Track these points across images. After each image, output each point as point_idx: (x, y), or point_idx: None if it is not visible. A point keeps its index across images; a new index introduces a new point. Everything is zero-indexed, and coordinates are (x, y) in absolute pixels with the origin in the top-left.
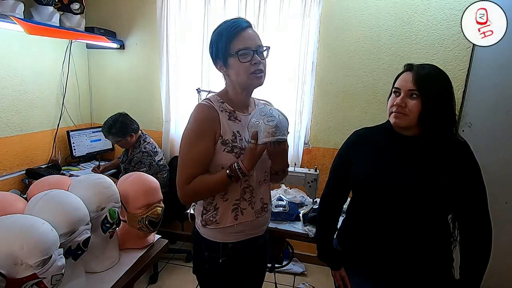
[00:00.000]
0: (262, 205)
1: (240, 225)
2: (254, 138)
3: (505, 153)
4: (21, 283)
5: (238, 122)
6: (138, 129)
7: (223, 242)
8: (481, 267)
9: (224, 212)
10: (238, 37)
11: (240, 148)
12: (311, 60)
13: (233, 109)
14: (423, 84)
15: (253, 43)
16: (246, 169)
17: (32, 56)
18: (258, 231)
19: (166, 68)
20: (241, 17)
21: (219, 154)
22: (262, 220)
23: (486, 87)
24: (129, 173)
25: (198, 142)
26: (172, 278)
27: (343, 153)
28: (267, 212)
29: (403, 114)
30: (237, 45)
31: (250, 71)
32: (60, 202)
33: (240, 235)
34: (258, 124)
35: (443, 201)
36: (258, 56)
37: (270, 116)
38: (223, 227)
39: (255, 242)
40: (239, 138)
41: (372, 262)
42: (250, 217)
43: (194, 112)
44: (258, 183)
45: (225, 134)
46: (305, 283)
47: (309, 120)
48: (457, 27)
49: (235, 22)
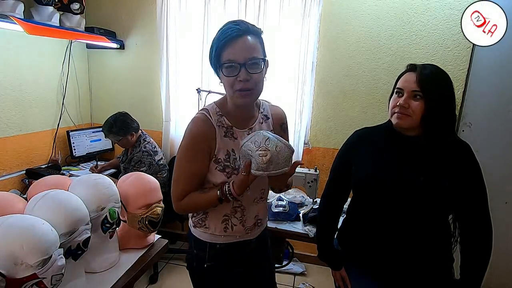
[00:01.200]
0: (255, 221)
1: (228, 236)
2: (247, 169)
3: (505, 153)
4: (21, 283)
5: (234, 139)
6: (138, 128)
7: (210, 243)
8: (482, 267)
9: (213, 219)
10: (227, 47)
11: (233, 168)
12: (311, 60)
13: (230, 125)
14: (427, 86)
15: (241, 56)
16: (236, 193)
17: (32, 56)
18: (250, 236)
19: (166, 68)
20: (243, 20)
21: (211, 171)
22: (253, 233)
23: (486, 87)
24: (129, 173)
25: (193, 161)
26: (172, 278)
27: (344, 153)
28: (261, 226)
29: (406, 115)
30: (225, 56)
31: (236, 88)
32: (60, 202)
33: (230, 238)
34: (250, 154)
35: (444, 201)
36: (247, 71)
37: (264, 150)
38: (211, 233)
39: (247, 245)
40: (233, 157)
41: (373, 262)
42: (239, 233)
43: (190, 125)
44: (253, 201)
45: (219, 153)
46: (305, 283)
47: (309, 120)
48: (457, 27)
49: (228, 28)
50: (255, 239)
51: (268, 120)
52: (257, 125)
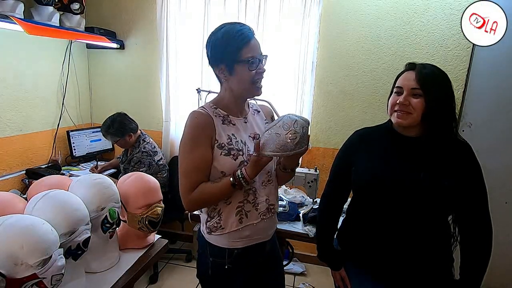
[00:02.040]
0: (267, 206)
1: (245, 228)
2: (257, 150)
3: (505, 153)
4: (21, 283)
5: (233, 125)
6: (137, 128)
7: (229, 248)
8: (481, 267)
9: (228, 216)
10: (247, 45)
11: (237, 150)
12: (311, 60)
13: (226, 114)
14: (427, 83)
15: (257, 52)
16: (249, 177)
17: (32, 56)
18: (265, 235)
19: (166, 68)
20: (241, 22)
21: (217, 158)
22: (268, 222)
23: (486, 87)
24: (129, 173)
25: (196, 149)
26: (172, 278)
27: (344, 153)
28: (274, 214)
29: (407, 112)
30: (247, 53)
31: (254, 79)
32: (60, 202)
33: (246, 240)
34: (279, 137)
35: (444, 202)
36: (262, 64)
37: (294, 133)
38: (228, 232)
39: (262, 247)
40: (235, 140)
41: (372, 262)
42: (255, 219)
43: (188, 119)
44: (261, 184)
45: (221, 138)
46: (305, 283)
47: (309, 120)
48: (457, 27)
49: (243, 28)
50: (269, 242)
51: (259, 113)
52: (250, 116)
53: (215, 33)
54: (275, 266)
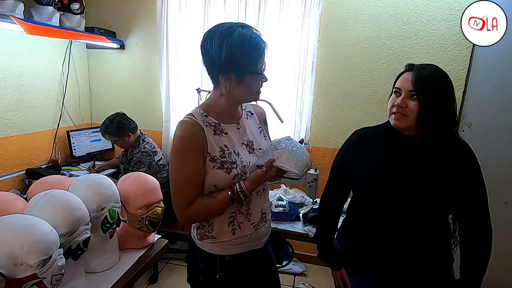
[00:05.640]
0: (261, 216)
1: (238, 239)
2: (268, 167)
3: (505, 153)
4: (21, 283)
5: (225, 135)
6: (136, 128)
7: (220, 255)
8: (481, 267)
9: (220, 227)
10: (261, 56)
11: (231, 163)
12: (311, 60)
13: (218, 122)
14: (422, 86)
15: (264, 63)
16: (248, 191)
17: (32, 56)
18: (258, 243)
19: (166, 68)
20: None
21: (209, 172)
22: (262, 231)
23: (486, 87)
24: (129, 173)
25: (188, 163)
26: (172, 278)
27: (344, 153)
28: (267, 222)
29: (404, 115)
30: (260, 64)
31: (259, 87)
32: (60, 202)
33: (239, 247)
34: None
35: (443, 201)
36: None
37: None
38: (220, 241)
39: (254, 255)
40: (228, 152)
41: (372, 262)
42: (248, 230)
43: (178, 131)
44: (256, 194)
45: (213, 151)
46: (305, 283)
47: (309, 120)
48: (457, 27)
49: (257, 38)
50: (261, 249)
51: (253, 115)
52: (243, 120)
53: (229, 36)
54: (269, 270)
